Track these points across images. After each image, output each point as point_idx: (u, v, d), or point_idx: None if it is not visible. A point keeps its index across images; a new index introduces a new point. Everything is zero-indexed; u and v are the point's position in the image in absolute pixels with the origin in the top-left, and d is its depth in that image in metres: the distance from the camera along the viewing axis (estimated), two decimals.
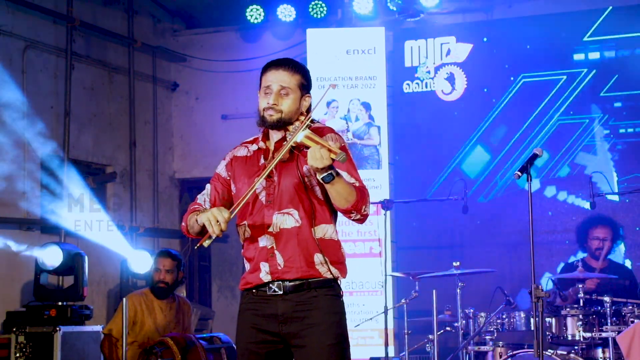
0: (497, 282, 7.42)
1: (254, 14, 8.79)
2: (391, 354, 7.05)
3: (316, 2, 8.62)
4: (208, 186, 3.69)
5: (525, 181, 4.52)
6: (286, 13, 8.74)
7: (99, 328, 6.87)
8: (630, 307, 5.72)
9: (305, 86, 3.56)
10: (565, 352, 5.79)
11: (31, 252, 7.22)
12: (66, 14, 8.09)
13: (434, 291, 6.12)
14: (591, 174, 6.44)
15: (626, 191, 7.62)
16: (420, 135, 8.52)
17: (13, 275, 7.35)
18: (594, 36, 8.10)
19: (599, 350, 5.86)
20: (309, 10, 8.66)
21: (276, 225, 3.46)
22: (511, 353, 5.89)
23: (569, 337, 5.83)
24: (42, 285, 6.87)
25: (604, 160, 7.99)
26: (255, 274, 3.50)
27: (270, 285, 3.47)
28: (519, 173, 4.49)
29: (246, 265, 3.58)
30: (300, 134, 3.33)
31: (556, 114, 8.18)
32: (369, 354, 7.67)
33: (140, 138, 9.06)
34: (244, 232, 3.54)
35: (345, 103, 8.22)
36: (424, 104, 8.54)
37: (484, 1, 8.62)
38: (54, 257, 6.80)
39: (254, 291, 3.52)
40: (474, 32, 8.50)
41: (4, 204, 7.28)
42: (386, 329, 6.70)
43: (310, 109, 3.56)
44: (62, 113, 8.02)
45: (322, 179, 3.28)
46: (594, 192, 6.33)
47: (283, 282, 3.45)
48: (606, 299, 5.70)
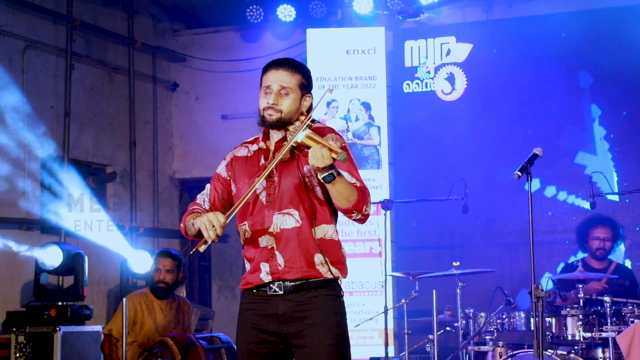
0: (497, 282, 7.42)
1: (254, 14, 8.78)
2: (391, 354, 7.05)
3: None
4: (208, 186, 3.69)
5: (525, 181, 4.52)
6: (286, 13, 8.73)
7: (99, 328, 6.87)
8: (630, 307, 5.72)
9: (305, 86, 3.55)
10: (565, 352, 5.79)
11: (31, 252, 7.22)
12: (66, 14, 8.09)
13: (434, 291, 6.12)
14: (591, 174, 6.42)
15: (626, 191, 7.61)
16: (420, 135, 8.52)
17: (13, 275, 7.35)
18: (593, 34, 8.10)
19: (599, 350, 5.85)
20: (309, 10, 8.66)
21: (276, 225, 3.46)
22: (511, 353, 5.88)
23: (569, 337, 5.83)
24: (42, 285, 6.87)
25: (604, 160, 7.99)
26: (255, 274, 3.49)
27: (271, 286, 3.46)
28: (518, 173, 4.49)
29: (246, 266, 3.57)
30: (300, 134, 3.33)
31: (555, 112, 8.18)
32: (369, 354, 7.67)
33: (140, 138, 9.06)
34: (244, 232, 3.54)
35: (345, 103, 8.22)
36: (424, 104, 8.54)
37: (484, 1, 8.61)
38: (54, 257, 6.80)
39: (254, 291, 3.52)
40: (474, 32, 8.49)
41: (4, 204, 7.28)
42: (386, 329, 6.70)
43: (310, 109, 3.55)
44: (62, 113, 8.02)
45: (323, 178, 3.28)
46: (594, 192, 6.32)
47: (283, 282, 3.45)
48: (606, 299, 5.70)
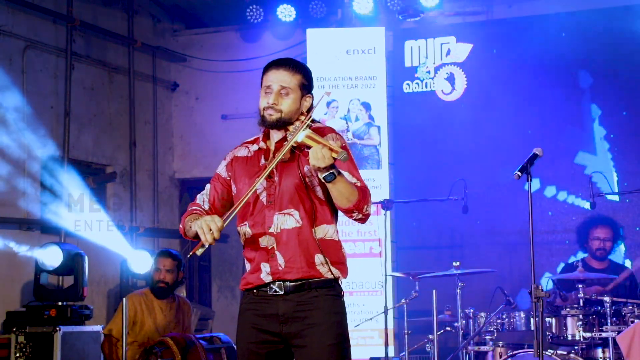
0: (497, 282, 7.42)
1: (254, 14, 8.78)
2: (391, 354, 7.05)
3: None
4: (208, 186, 3.69)
5: (525, 181, 4.52)
6: (286, 13, 8.72)
7: (99, 328, 6.87)
8: (630, 307, 5.71)
9: (306, 86, 3.55)
10: (565, 352, 5.79)
11: (31, 252, 7.22)
12: (66, 14, 8.09)
13: (434, 291, 6.12)
14: (591, 174, 6.42)
15: (626, 191, 7.61)
16: (420, 135, 8.52)
17: (13, 275, 7.35)
18: (593, 33, 8.10)
19: (599, 350, 5.85)
20: (309, 10, 8.66)
21: (277, 225, 3.45)
22: (511, 353, 5.88)
23: (569, 337, 5.83)
24: (42, 285, 6.87)
25: (604, 160, 7.99)
26: (256, 275, 3.49)
27: (271, 286, 3.46)
28: (518, 173, 4.49)
29: (247, 266, 3.57)
30: (301, 134, 3.32)
31: (555, 112, 8.17)
32: (369, 354, 7.67)
33: (140, 138, 9.06)
34: (244, 232, 3.54)
35: (345, 103, 8.22)
36: (424, 104, 8.54)
37: (484, 1, 8.61)
38: (54, 257, 6.80)
39: (254, 291, 3.52)
40: (474, 32, 8.49)
41: (4, 204, 7.28)
42: (386, 329, 6.70)
43: (311, 109, 3.55)
44: (62, 113, 8.02)
45: (323, 178, 3.28)
46: (594, 192, 6.32)
47: (284, 282, 3.45)
48: (606, 299, 5.70)
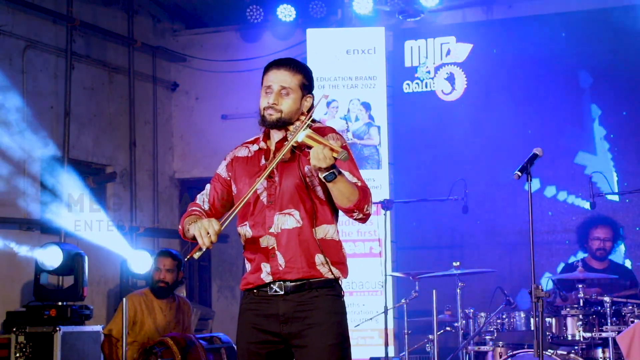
0: (497, 282, 7.41)
1: (254, 14, 8.78)
2: (391, 354, 7.05)
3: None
4: (208, 186, 3.68)
5: (525, 181, 4.52)
6: (286, 13, 8.72)
7: (99, 328, 6.87)
8: (630, 307, 5.71)
9: (306, 86, 3.55)
10: (565, 352, 5.79)
11: (31, 252, 7.22)
12: (66, 14, 8.09)
13: (434, 291, 6.12)
14: (591, 174, 6.42)
15: (626, 191, 7.61)
16: (420, 135, 8.52)
17: (13, 275, 7.35)
18: (593, 33, 8.09)
19: (599, 350, 5.85)
20: (309, 10, 8.66)
21: (277, 225, 3.45)
22: (511, 353, 5.88)
23: (569, 337, 5.83)
24: (42, 285, 6.86)
25: (604, 160, 7.99)
26: (256, 275, 3.49)
27: (272, 286, 3.46)
28: (518, 173, 4.49)
29: (247, 266, 3.57)
30: (301, 134, 3.32)
31: (555, 112, 8.17)
32: (369, 354, 7.67)
33: (140, 138, 9.06)
34: (245, 232, 3.54)
35: (345, 103, 8.22)
36: (424, 104, 8.54)
37: (484, 1, 8.61)
38: (54, 257, 6.79)
39: (255, 291, 3.52)
40: (474, 32, 8.49)
41: (4, 204, 7.28)
42: (386, 329, 6.69)
43: (311, 109, 3.55)
44: (62, 113, 8.01)
45: (324, 177, 3.28)
46: (594, 192, 6.32)
47: (284, 282, 3.45)
48: (606, 299, 5.70)
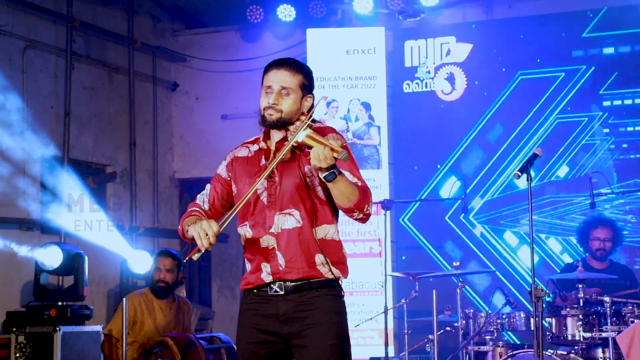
0: (497, 282, 7.41)
1: (254, 14, 8.78)
2: (391, 354, 7.05)
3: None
4: (208, 186, 3.68)
5: (525, 181, 4.52)
6: (286, 13, 8.72)
7: (99, 328, 6.87)
8: (630, 307, 5.71)
9: (307, 86, 3.54)
10: (565, 352, 5.79)
11: (31, 252, 7.22)
12: (66, 14, 8.09)
13: (434, 291, 6.11)
14: (591, 174, 6.41)
15: (626, 191, 7.60)
16: (420, 135, 8.52)
17: (13, 275, 7.35)
18: (593, 33, 8.09)
19: (599, 350, 5.85)
20: (309, 10, 8.66)
21: (277, 225, 3.45)
22: (511, 353, 5.88)
23: (569, 337, 5.83)
24: (42, 286, 6.86)
25: (603, 160, 7.99)
26: (256, 275, 3.49)
27: (272, 286, 3.46)
28: (519, 173, 4.50)
29: (247, 266, 3.57)
30: (301, 134, 3.32)
31: (554, 112, 8.17)
32: (369, 354, 7.67)
33: (140, 138, 9.06)
34: (245, 232, 3.53)
35: (345, 103, 8.22)
36: (424, 104, 8.54)
37: (484, 1, 8.61)
38: (53, 257, 6.79)
39: (255, 291, 3.51)
40: (474, 32, 8.49)
41: (4, 204, 7.28)
42: (386, 329, 6.69)
43: (311, 109, 3.55)
44: (62, 113, 8.02)
45: (324, 177, 3.28)
46: (594, 192, 6.31)
47: (284, 282, 3.44)
48: (606, 299, 5.70)
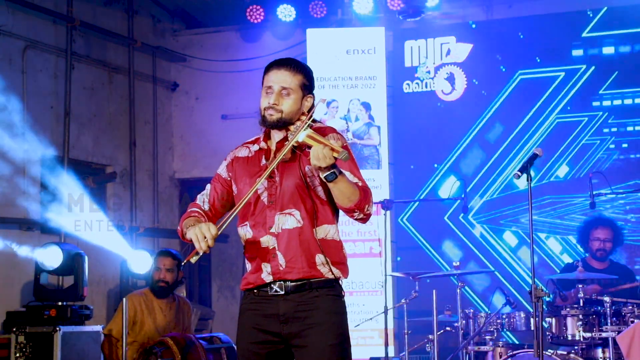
0: (497, 282, 7.41)
1: (254, 14, 8.78)
2: (391, 354, 7.05)
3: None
4: (208, 186, 3.68)
5: (524, 181, 4.52)
6: (286, 13, 8.73)
7: (99, 328, 6.87)
8: (630, 307, 5.71)
9: (307, 87, 3.54)
10: (565, 352, 5.79)
11: (31, 252, 7.21)
12: (66, 14, 8.09)
13: (434, 291, 6.11)
14: (591, 174, 6.41)
15: (626, 191, 7.60)
16: (420, 135, 8.52)
17: (13, 275, 7.35)
18: (593, 32, 8.09)
19: (599, 350, 5.85)
20: (309, 10, 8.66)
21: (278, 225, 3.45)
22: (511, 353, 5.88)
23: (569, 337, 5.83)
24: (42, 286, 6.86)
25: (603, 160, 7.98)
26: (256, 275, 3.49)
27: (272, 286, 3.46)
28: (519, 173, 4.50)
29: (247, 266, 3.57)
30: (301, 134, 3.32)
31: (554, 112, 8.17)
32: (369, 354, 7.67)
33: (140, 138, 9.06)
34: (245, 232, 3.53)
35: (345, 103, 8.22)
36: (424, 104, 8.54)
37: (484, 1, 8.61)
38: (53, 257, 6.79)
39: (255, 291, 3.51)
40: (474, 32, 8.49)
41: (4, 204, 7.28)
42: (386, 329, 6.69)
43: (312, 109, 3.54)
44: (62, 113, 8.02)
45: (325, 177, 3.28)
46: (593, 192, 6.31)
47: (285, 282, 3.44)
48: (606, 299, 5.70)
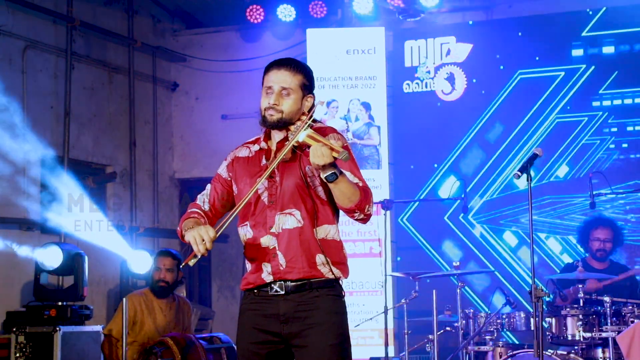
0: (497, 282, 7.41)
1: (254, 14, 8.78)
2: (391, 354, 7.05)
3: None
4: (208, 186, 3.68)
5: (524, 181, 4.52)
6: (286, 13, 8.73)
7: (99, 328, 6.87)
8: (630, 307, 5.72)
9: (307, 86, 3.54)
10: (565, 352, 5.79)
11: (31, 252, 7.21)
12: (66, 14, 8.09)
13: (434, 291, 6.12)
14: (591, 174, 6.41)
15: (626, 191, 7.60)
16: (420, 135, 8.52)
17: (13, 275, 7.35)
18: (593, 32, 8.09)
19: (599, 350, 5.85)
20: (309, 10, 8.66)
21: (278, 225, 3.45)
22: (511, 353, 5.89)
23: (569, 337, 5.83)
24: (42, 286, 6.86)
25: (603, 160, 7.98)
26: (257, 275, 3.49)
27: (272, 286, 3.46)
28: (519, 173, 4.50)
29: (247, 266, 3.56)
30: (302, 134, 3.32)
31: (554, 111, 8.17)
32: (369, 354, 7.67)
33: (140, 138, 9.06)
34: (245, 232, 3.53)
35: (345, 103, 8.22)
36: (424, 104, 8.54)
37: (484, 1, 8.61)
38: (53, 257, 6.79)
39: (255, 291, 3.51)
40: (474, 32, 8.49)
41: (4, 204, 7.28)
42: (386, 329, 6.69)
43: (312, 109, 3.54)
44: (62, 113, 8.02)
45: (325, 177, 3.28)
46: (593, 192, 6.31)
47: (285, 282, 3.44)
48: (606, 299, 5.70)
